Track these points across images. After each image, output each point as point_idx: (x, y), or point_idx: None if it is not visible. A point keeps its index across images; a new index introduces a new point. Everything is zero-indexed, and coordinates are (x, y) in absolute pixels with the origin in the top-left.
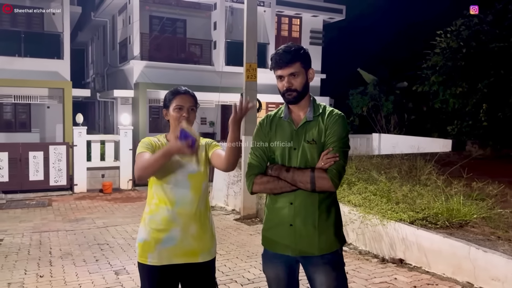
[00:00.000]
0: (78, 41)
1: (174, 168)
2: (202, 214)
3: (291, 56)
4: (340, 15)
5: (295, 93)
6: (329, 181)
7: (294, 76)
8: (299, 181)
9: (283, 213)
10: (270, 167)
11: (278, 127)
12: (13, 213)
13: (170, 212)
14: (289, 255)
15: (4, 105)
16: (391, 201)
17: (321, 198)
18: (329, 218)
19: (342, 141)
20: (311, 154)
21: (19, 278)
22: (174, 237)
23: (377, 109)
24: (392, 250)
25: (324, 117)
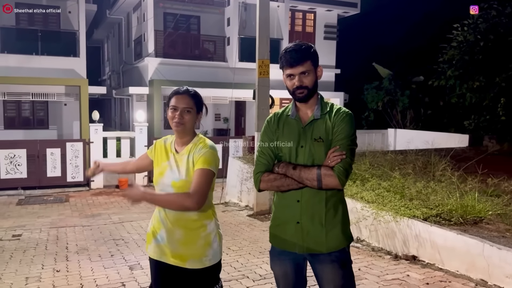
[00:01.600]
0: (94, 38)
1: (164, 171)
2: (192, 222)
3: (302, 54)
4: (354, 9)
5: (306, 91)
6: (336, 178)
7: (305, 75)
8: (305, 179)
9: (290, 211)
10: (277, 165)
11: (286, 125)
12: (32, 209)
13: (158, 214)
14: (296, 252)
15: (22, 102)
16: (405, 198)
17: (328, 196)
18: (336, 215)
19: (349, 139)
20: (318, 152)
21: (37, 273)
22: (162, 237)
23: (392, 104)
24: (405, 247)
25: (331, 115)
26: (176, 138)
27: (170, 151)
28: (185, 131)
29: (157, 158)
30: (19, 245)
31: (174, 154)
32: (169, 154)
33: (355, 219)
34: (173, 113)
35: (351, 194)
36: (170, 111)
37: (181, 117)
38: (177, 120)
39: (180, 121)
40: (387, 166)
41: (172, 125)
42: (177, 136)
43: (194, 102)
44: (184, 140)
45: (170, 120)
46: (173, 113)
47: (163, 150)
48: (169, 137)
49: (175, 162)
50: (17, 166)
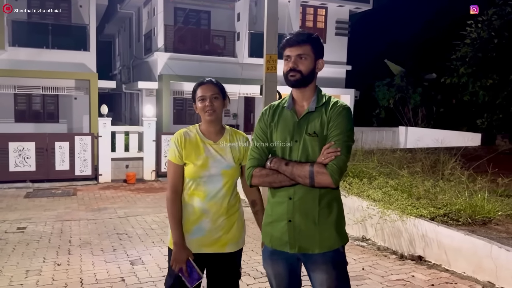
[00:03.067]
0: (106, 33)
1: (209, 163)
2: (232, 207)
3: (303, 37)
4: (367, 5)
5: (299, 75)
6: (329, 177)
7: (301, 59)
8: (297, 176)
9: (282, 208)
10: (270, 160)
11: (281, 117)
12: (39, 202)
13: (201, 204)
14: (288, 252)
15: (33, 96)
16: (412, 197)
17: (322, 194)
18: (330, 214)
19: (345, 134)
20: (312, 148)
21: (38, 266)
22: (203, 228)
23: (404, 102)
24: (411, 246)
25: (327, 108)
26: (207, 128)
27: (204, 143)
28: (218, 118)
29: (188, 153)
30: (23, 238)
31: (212, 145)
32: (202, 146)
33: (361, 217)
34: (203, 103)
35: (357, 192)
36: (199, 102)
37: (212, 104)
38: (209, 108)
39: (212, 108)
40: (396, 164)
41: (205, 115)
42: (209, 125)
43: (219, 89)
44: (217, 129)
45: (201, 112)
46: (202, 102)
47: (192, 143)
48: (189, 130)
49: (216, 152)
50: (26, 159)
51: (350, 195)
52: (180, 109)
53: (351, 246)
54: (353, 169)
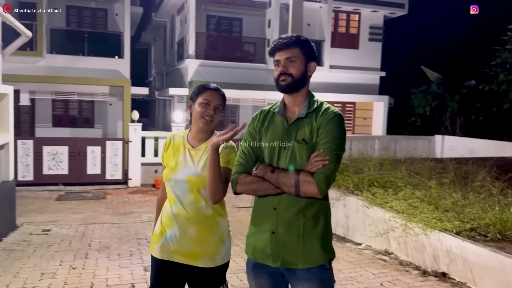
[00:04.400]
0: (142, 41)
1: (177, 167)
2: (207, 218)
3: (291, 40)
4: (402, 10)
5: (290, 78)
6: (315, 186)
7: (291, 62)
8: (283, 184)
9: (266, 219)
10: (256, 166)
11: (271, 123)
12: (69, 205)
13: (170, 210)
14: (271, 265)
15: (69, 101)
16: (439, 209)
17: (308, 204)
18: (316, 227)
19: (335, 142)
20: (300, 155)
21: (53, 269)
22: (174, 235)
23: (441, 109)
24: (435, 262)
25: (318, 114)
26: (195, 133)
27: (184, 147)
28: (210, 127)
29: (168, 155)
30: (45, 240)
31: (189, 150)
32: (181, 150)
33: (383, 230)
34: (204, 108)
35: (380, 203)
36: (200, 105)
37: (213, 113)
38: (209, 116)
39: (212, 117)
40: (425, 175)
41: (200, 121)
42: (198, 132)
43: (223, 101)
44: (202, 136)
45: (198, 115)
46: (204, 107)
47: (174, 147)
48: (177, 134)
49: (191, 157)
50: (59, 163)
51: (373, 206)
52: None
53: (372, 259)
54: (379, 179)
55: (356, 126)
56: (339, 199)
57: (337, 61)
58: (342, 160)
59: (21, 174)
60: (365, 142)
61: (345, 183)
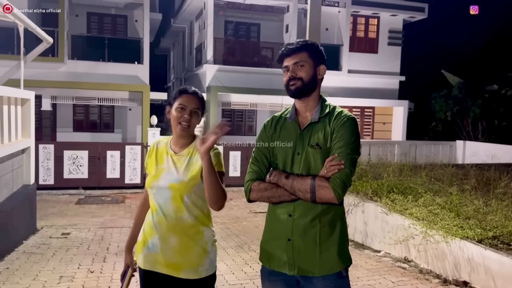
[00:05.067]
0: (161, 47)
1: (160, 174)
2: (189, 227)
3: (298, 45)
4: (422, 14)
5: (299, 82)
6: (331, 191)
7: (299, 67)
8: (298, 190)
9: (281, 226)
10: (270, 173)
11: (283, 129)
12: (88, 208)
13: (152, 219)
14: (287, 273)
15: (90, 106)
16: (460, 216)
17: (324, 210)
18: (333, 234)
19: (349, 146)
20: (314, 160)
21: (72, 272)
22: (155, 244)
23: (462, 114)
24: (456, 270)
25: (331, 119)
26: (175, 139)
27: (167, 153)
28: (189, 133)
29: (150, 163)
30: (65, 244)
31: (172, 156)
32: (164, 156)
33: (402, 237)
34: (180, 113)
35: (399, 210)
36: (176, 110)
37: (190, 118)
38: (185, 121)
39: (188, 122)
40: (446, 181)
41: (177, 128)
42: (178, 137)
43: (200, 104)
44: (184, 142)
45: (174, 120)
46: (180, 112)
47: (158, 154)
48: (162, 140)
49: (173, 163)
50: (79, 167)
51: (392, 213)
52: (228, 120)
53: (391, 267)
54: (399, 185)
55: (375, 131)
56: (357, 205)
57: (356, 65)
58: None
59: (42, 178)
60: (384, 148)
61: (363, 189)
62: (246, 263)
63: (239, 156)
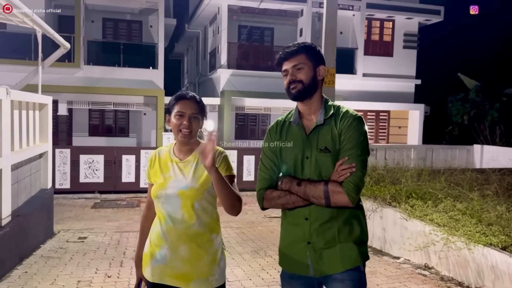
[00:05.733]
0: (175, 52)
1: (167, 182)
2: (199, 236)
3: (295, 48)
4: (437, 17)
5: (300, 85)
6: (345, 196)
7: (298, 70)
8: (311, 196)
9: (299, 229)
10: (281, 180)
11: (289, 133)
12: (104, 212)
13: (160, 228)
14: (311, 276)
15: (106, 111)
16: (482, 223)
17: (340, 210)
18: (352, 231)
19: (359, 147)
20: (325, 164)
21: (89, 277)
22: (164, 255)
23: (480, 118)
24: (479, 278)
25: (337, 119)
26: (178, 146)
27: (171, 161)
28: (191, 139)
29: (154, 172)
30: (81, 248)
31: (177, 163)
32: (169, 164)
33: (423, 243)
34: (179, 120)
35: (419, 216)
36: (175, 117)
37: (189, 124)
38: (186, 128)
39: (189, 129)
40: (466, 186)
41: (178, 135)
42: (180, 144)
43: (200, 108)
44: (188, 148)
45: (174, 128)
46: (179, 119)
47: (161, 162)
48: (164, 148)
49: (180, 170)
50: (95, 171)
51: (412, 219)
52: (242, 124)
53: (412, 274)
54: (417, 191)
55: (391, 135)
56: (375, 211)
57: (371, 69)
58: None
59: (59, 182)
60: (400, 152)
61: (381, 194)
62: (263, 269)
63: (253, 160)
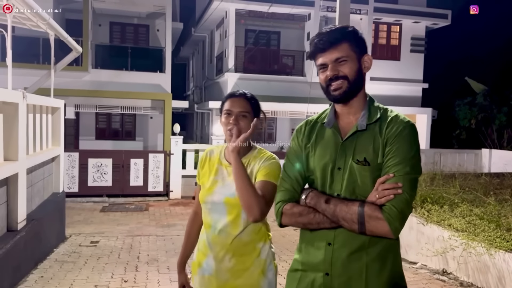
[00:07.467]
0: (181, 56)
1: (214, 187)
2: (245, 246)
3: (335, 35)
4: (445, 21)
5: (346, 83)
6: (386, 224)
7: (340, 63)
8: (342, 218)
9: (318, 256)
10: (305, 193)
11: (319, 137)
12: (113, 216)
13: (206, 237)
14: None
15: (112, 115)
16: (501, 227)
17: (372, 240)
18: (383, 269)
19: (408, 164)
20: (362, 179)
21: (106, 281)
22: (210, 265)
23: (487, 122)
24: (500, 284)
25: (383, 125)
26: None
27: (220, 164)
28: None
29: (203, 173)
30: (95, 252)
31: (227, 167)
32: (218, 167)
33: (441, 249)
34: (227, 119)
35: (437, 221)
36: (223, 116)
37: (237, 122)
38: (232, 127)
39: (237, 127)
40: (481, 191)
41: (226, 133)
42: None
43: (251, 106)
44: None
45: (224, 127)
46: (227, 118)
47: (211, 164)
48: (215, 149)
49: (229, 175)
50: (103, 175)
51: (429, 224)
52: None
53: (430, 279)
54: (432, 195)
55: None
56: None
57: (378, 73)
58: None
59: (67, 185)
60: None
61: None
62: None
63: None
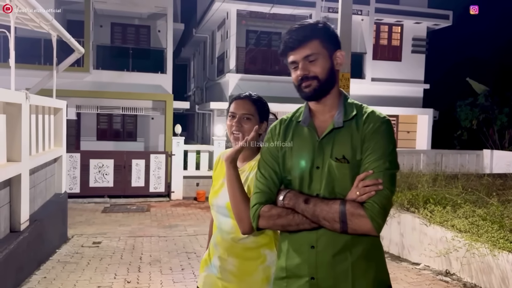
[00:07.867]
0: (182, 56)
1: (219, 191)
2: (248, 250)
3: (306, 32)
4: (446, 21)
5: (315, 82)
6: (368, 221)
7: (311, 61)
8: (322, 218)
9: (301, 260)
10: (283, 194)
11: (295, 135)
12: (115, 217)
13: (214, 237)
14: None
15: (114, 116)
16: (504, 228)
17: (355, 239)
18: (369, 268)
19: (387, 159)
20: (341, 177)
21: (109, 282)
22: (215, 265)
23: (489, 123)
24: (503, 285)
25: (360, 122)
26: None
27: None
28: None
29: (216, 176)
30: (97, 253)
31: None
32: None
33: (444, 249)
34: (231, 121)
35: (440, 221)
36: (228, 119)
37: (239, 125)
38: (235, 129)
39: (240, 130)
40: (483, 191)
41: (230, 136)
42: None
43: (256, 109)
44: (246, 154)
45: (228, 130)
46: (231, 121)
47: (221, 166)
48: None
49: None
50: (105, 175)
51: (432, 224)
52: None
53: (433, 280)
54: (435, 195)
55: (400, 139)
56: (393, 216)
57: (379, 73)
58: None
59: (69, 186)
60: (410, 157)
61: (399, 199)
62: None
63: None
